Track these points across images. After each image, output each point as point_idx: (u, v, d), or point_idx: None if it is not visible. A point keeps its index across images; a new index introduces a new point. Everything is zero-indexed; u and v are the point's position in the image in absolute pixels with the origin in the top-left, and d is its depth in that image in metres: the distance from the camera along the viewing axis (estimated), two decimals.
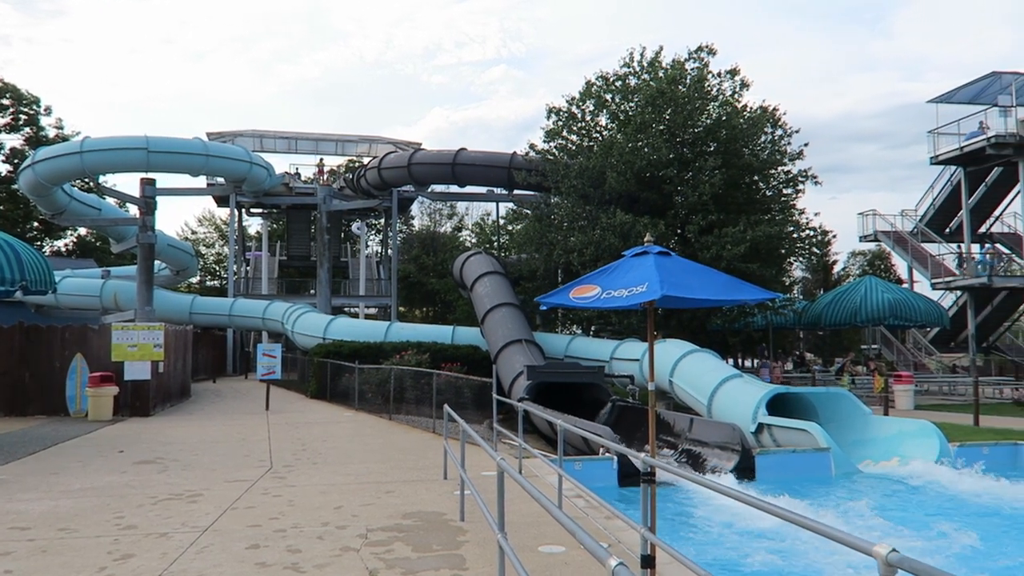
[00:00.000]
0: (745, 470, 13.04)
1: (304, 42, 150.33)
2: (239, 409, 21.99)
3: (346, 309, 47.70)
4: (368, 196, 41.09)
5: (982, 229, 37.24)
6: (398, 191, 41.15)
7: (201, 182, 42.21)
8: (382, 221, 53.65)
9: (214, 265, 63.51)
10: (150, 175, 29.79)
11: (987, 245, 34.94)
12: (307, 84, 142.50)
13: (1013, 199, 35.89)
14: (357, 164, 47.11)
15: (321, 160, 46.71)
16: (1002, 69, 31.75)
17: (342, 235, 52.36)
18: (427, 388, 18.01)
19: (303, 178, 45.39)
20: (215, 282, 61.01)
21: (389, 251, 45.04)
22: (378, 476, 11.21)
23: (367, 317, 47.40)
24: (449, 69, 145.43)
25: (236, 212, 44.00)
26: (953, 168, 35.10)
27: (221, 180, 41.32)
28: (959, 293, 36.03)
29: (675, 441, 15.71)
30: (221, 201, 44.69)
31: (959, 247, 35.04)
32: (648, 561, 5.18)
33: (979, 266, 32.29)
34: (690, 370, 19.17)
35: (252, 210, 48.23)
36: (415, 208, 56.10)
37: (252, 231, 58.15)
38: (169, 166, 36.35)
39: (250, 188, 40.68)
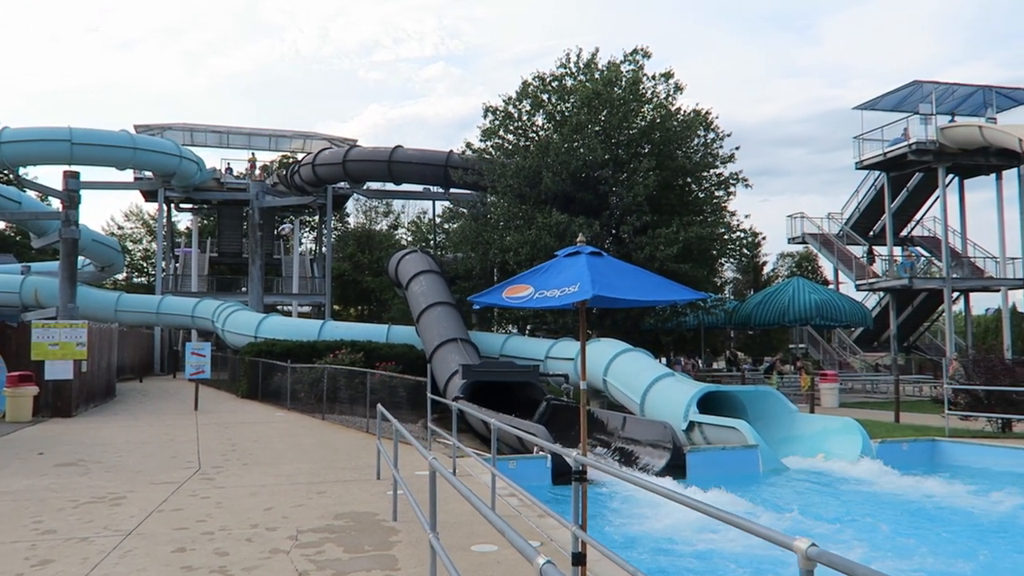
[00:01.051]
0: (676, 467, 13.25)
1: (236, 34, 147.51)
2: (166, 409, 21.47)
3: (279, 307, 46.98)
4: (302, 193, 40.51)
5: (904, 232, 38.53)
6: (333, 188, 40.67)
7: (128, 176, 41.07)
8: (316, 218, 52.98)
9: (141, 262, 61.83)
10: (74, 168, 28.86)
11: (914, 251, 36.11)
12: (240, 77, 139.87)
13: (933, 204, 37.23)
14: (291, 160, 46.38)
15: (253, 155, 45.85)
16: (923, 78, 32.92)
17: (275, 232, 51.49)
18: (361, 387, 17.84)
19: (235, 173, 44.48)
20: (142, 279, 59.38)
21: (323, 249, 44.49)
22: (310, 476, 11.07)
23: (300, 316, 46.72)
24: (386, 65, 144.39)
25: (165, 207, 42.93)
26: (877, 173, 36.24)
27: (149, 174, 40.26)
28: (882, 294, 37.24)
29: (608, 439, 15.88)
30: (149, 196, 43.54)
31: (867, 250, 36.28)
32: (579, 559, 5.22)
33: (900, 268, 33.45)
34: (623, 369, 19.39)
35: (182, 205, 47.08)
36: (350, 205, 55.57)
37: (181, 227, 56.77)
38: (94, 159, 35.24)
39: (180, 183, 39.72)
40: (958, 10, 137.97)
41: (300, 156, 44.12)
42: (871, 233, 38.59)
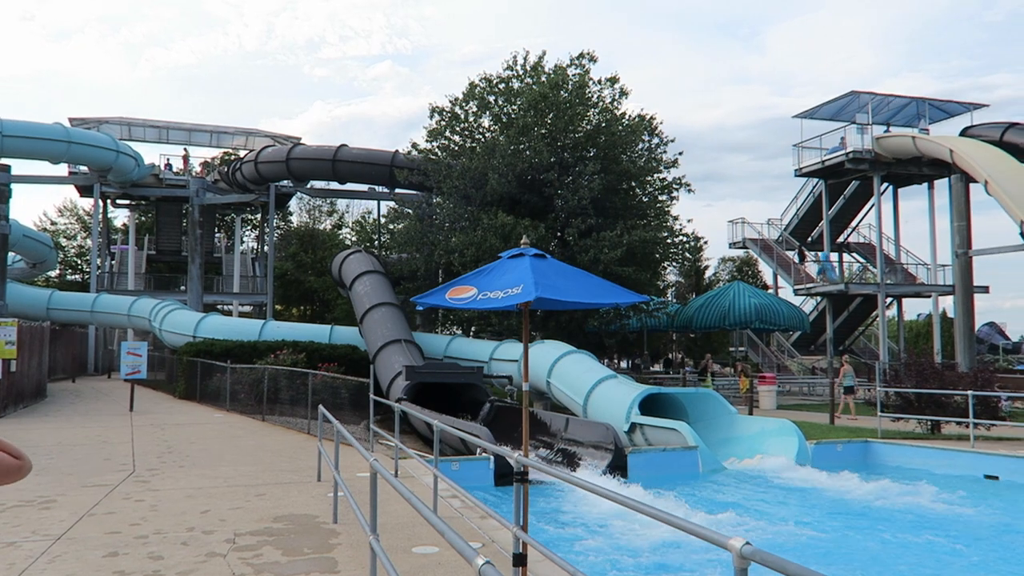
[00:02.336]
0: (618, 468, 13.38)
1: (179, 26, 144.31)
2: (100, 410, 20.92)
3: (219, 307, 46.12)
4: (244, 190, 39.87)
5: (840, 239, 39.51)
6: (276, 186, 40.10)
7: (62, 170, 39.92)
8: (259, 216, 52.18)
9: (76, 259, 60.09)
10: (4, 161, 27.94)
11: (823, 255, 36.99)
12: (181, 71, 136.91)
13: (868, 211, 38.23)
14: (233, 157, 45.60)
15: (186, 150, 44.85)
16: (861, 89, 33.78)
17: (216, 229, 50.55)
18: (303, 388, 17.64)
19: (175, 169, 43.55)
20: (77, 277, 57.73)
21: (265, 247, 43.83)
22: (249, 479, 10.90)
23: (241, 315, 45.94)
24: (333, 63, 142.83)
25: (101, 203, 41.82)
26: (815, 180, 37.07)
27: (84, 169, 39.18)
28: (819, 299, 38.10)
29: (551, 441, 15.96)
30: (84, 191, 42.38)
31: (798, 255, 37.20)
32: (520, 559, 5.24)
33: (824, 273, 34.49)
34: (567, 371, 19.51)
35: (118, 201, 45.90)
36: (293, 204, 54.88)
37: (118, 223, 55.38)
38: (26, 152, 34.18)
39: (116, 178, 38.74)
40: (898, 23, 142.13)
41: (242, 153, 43.42)
42: (809, 239, 39.46)
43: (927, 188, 36.24)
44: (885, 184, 35.84)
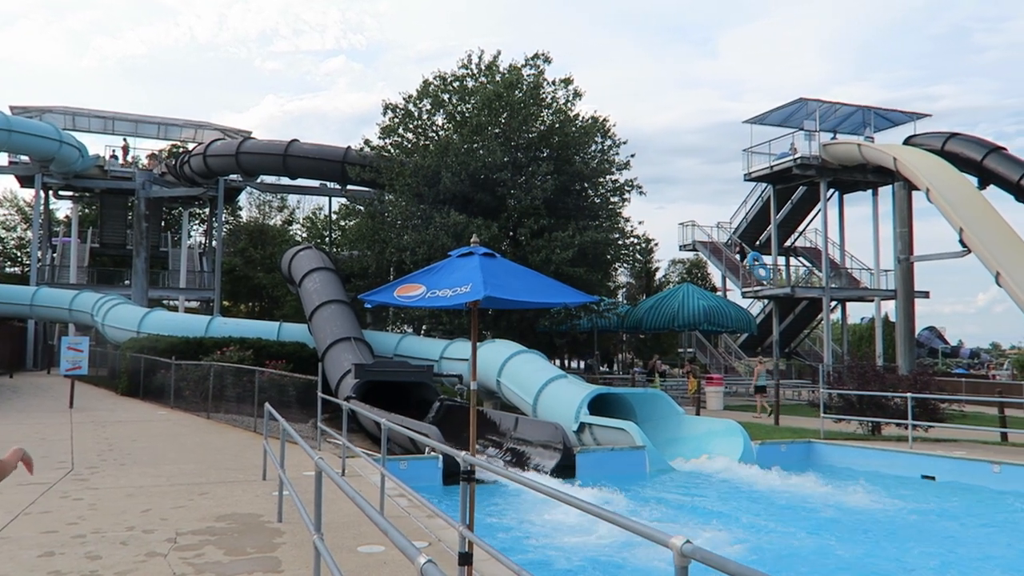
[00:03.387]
0: (566, 468, 13.45)
1: (127, 15, 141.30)
2: (39, 407, 20.38)
3: (165, 302, 45.22)
4: (192, 184, 39.15)
5: (788, 243, 40.24)
6: (225, 180, 39.46)
7: (2, 159, 38.77)
8: (207, 211, 51.31)
9: (15, 251, 58.41)
10: None
11: (750, 256, 37.70)
12: (129, 61, 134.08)
13: (815, 216, 39.01)
14: (181, 150, 44.74)
15: (126, 141, 43.87)
16: (809, 96, 34.46)
17: (162, 223, 49.56)
18: (249, 386, 17.42)
19: (120, 161, 42.58)
20: (16, 269, 56.11)
21: (213, 242, 43.12)
22: (192, 477, 10.71)
23: (188, 311, 45.11)
24: (285, 56, 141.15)
25: (42, 194, 40.73)
26: (764, 185, 37.71)
27: (25, 159, 38.12)
28: (766, 302, 38.75)
29: (501, 440, 15.98)
30: (25, 181, 41.22)
31: (739, 250, 37.85)
32: (466, 558, 5.23)
33: (756, 271, 35.32)
34: (517, 370, 19.54)
35: (61, 193, 44.72)
36: (243, 199, 54.07)
37: (60, 215, 53.99)
38: None
39: (59, 169, 37.76)
40: (847, 33, 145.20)
41: (191, 146, 42.64)
42: (757, 243, 40.11)
43: (872, 195, 37.09)
44: (831, 190, 36.60)
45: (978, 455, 14.34)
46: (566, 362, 43.11)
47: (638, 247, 31.38)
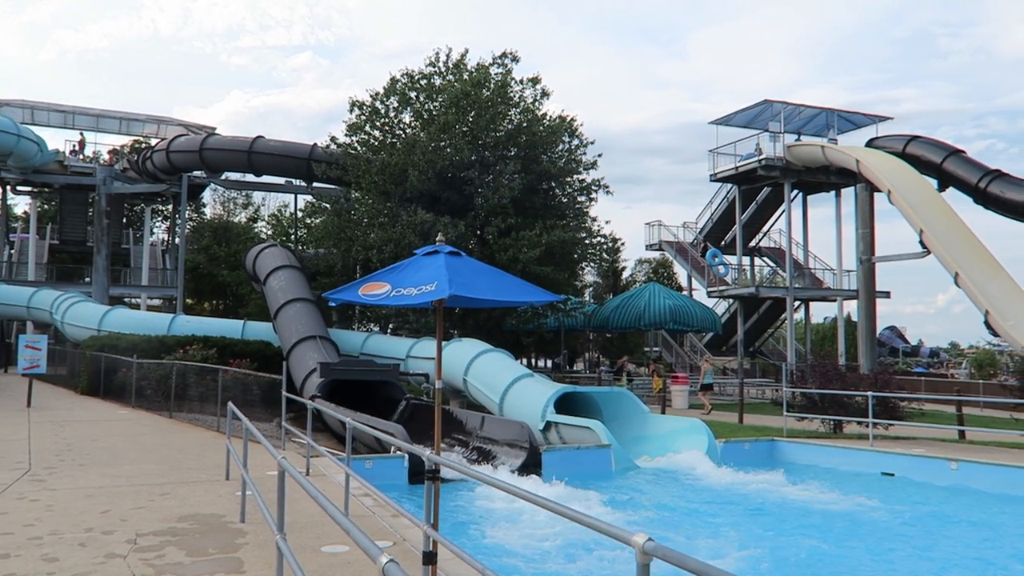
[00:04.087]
0: (532, 466, 13.48)
1: (88, 8, 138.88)
2: None
3: (126, 300, 44.53)
4: (155, 180, 38.59)
5: (753, 243, 40.65)
6: (188, 176, 38.95)
7: None
8: (170, 207, 50.61)
9: None
10: None
11: (709, 252, 38.16)
12: (91, 55, 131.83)
13: (779, 217, 39.44)
14: (144, 145, 44.06)
15: (82, 135, 43.09)
16: (774, 98, 34.84)
17: (124, 220, 48.79)
18: (213, 385, 17.22)
19: (80, 157, 41.82)
20: None
21: (176, 239, 42.54)
22: (153, 477, 10.57)
23: (150, 309, 44.47)
24: (251, 51, 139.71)
25: (0, 189, 39.91)
26: (730, 185, 38.07)
27: None
28: (731, 301, 39.12)
29: (467, 439, 15.97)
30: None
31: (699, 248, 38.29)
32: (430, 558, 5.22)
33: (715, 267, 35.83)
34: (484, 369, 19.53)
35: (19, 188, 43.82)
36: (207, 195, 53.40)
37: (19, 211, 52.96)
38: None
39: (17, 163, 37.00)
40: (812, 36, 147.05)
41: (154, 142, 42.03)
42: (723, 243, 40.45)
43: (835, 196, 37.61)
44: (795, 191, 37.04)
45: (936, 453, 14.61)
46: (533, 361, 43.18)
47: (605, 246, 31.55)
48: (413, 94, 28.77)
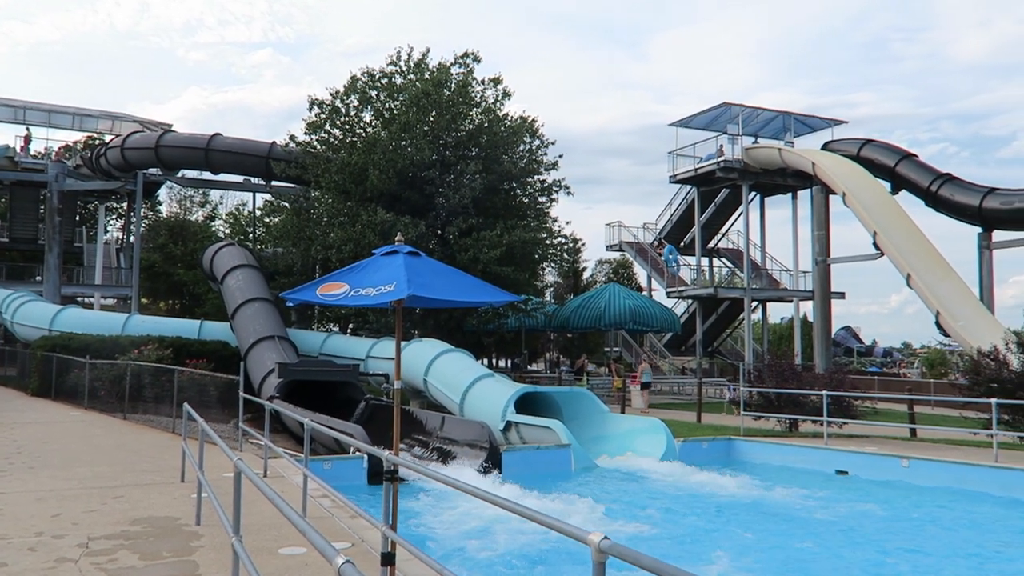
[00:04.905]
0: (492, 466, 13.49)
1: (40, 0, 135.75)
2: None
3: (79, 299, 43.65)
4: (109, 177, 37.86)
5: (711, 244, 41.11)
6: (144, 174, 38.27)
7: None
8: (125, 205, 49.70)
9: None
10: None
11: (665, 249, 38.68)
12: (43, 48, 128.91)
13: (737, 218, 39.95)
14: (98, 142, 43.22)
15: (28, 130, 42.11)
16: (733, 101, 35.26)
17: (77, 217, 47.80)
18: (168, 386, 16.97)
19: (33, 152, 40.88)
20: None
21: (131, 238, 41.80)
22: (106, 480, 10.38)
23: (104, 308, 43.64)
24: (210, 47, 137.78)
25: None
26: (689, 187, 38.45)
27: None
28: (690, 301, 39.52)
29: (427, 440, 15.92)
30: None
31: (655, 246, 38.69)
32: (388, 559, 5.21)
33: (669, 264, 36.26)
34: (444, 370, 19.50)
35: None
36: (163, 193, 52.55)
37: None
38: None
39: None
40: (773, 40, 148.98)
41: (108, 138, 41.26)
42: (682, 244, 40.86)
43: (791, 198, 38.19)
44: (753, 193, 37.54)
45: (889, 450, 14.91)
46: (494, 361, 43.21)
47: (565, 247, 31.66)
48: (374, 93, 28.62)
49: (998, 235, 29.98)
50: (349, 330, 30.91)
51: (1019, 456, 14.05)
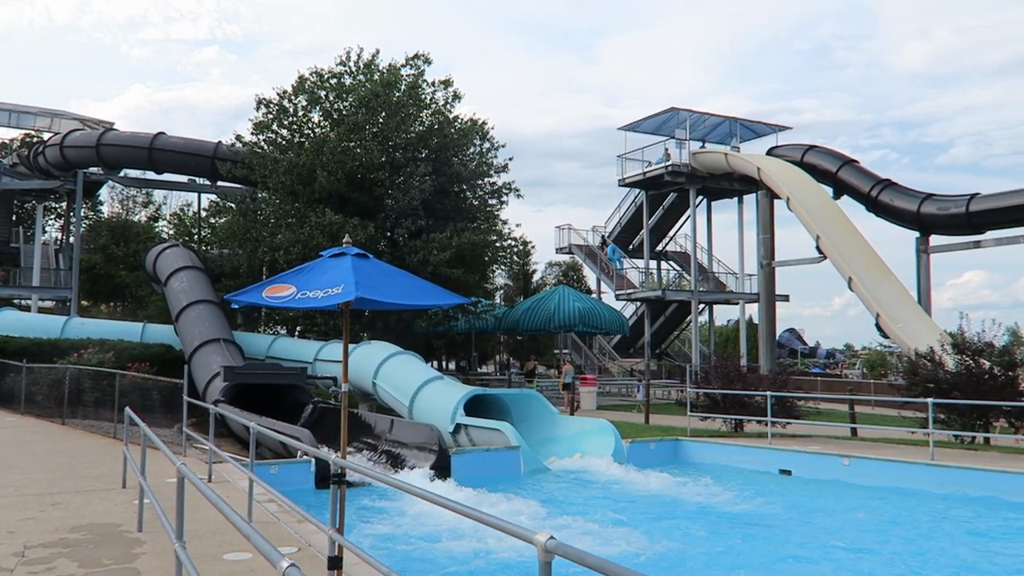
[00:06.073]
0: (441, 469, 13.46)
1: None
2: None
3: (16, 301, 42.44)
4: (47, 176, 36.87)
5: (659, 247, 41.58)
6: (84, 173, 37.36)
7: None
8: (64, 205, 48.44)
9: None
10: None
11: (609, 248, 39.13)
12: None
13: (684, 222, 40.47)
14: (36, 140, 42.08)
15: None
16: (680, 106, 35.74)
17: (13, 217, 46.44)
18: (109, 390, 16.56)
19: None
20: None
21: (71, 239, 40.77)
22: (43, 487, 10.11)
23: (41, 311, 42.46)
24: (154, 44, 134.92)
25: None
26: (637, 191, 38.84)
27: None
28: (638, 304, 39.91)
29: (376, 443, 15.84)
30: None
31: (599, 246, 39.15)
32: (335, 562, 5.18)
33: (615, 262, 36.86)
34: (393, 372, 19.40)
35: None
36: (104, 193, 51.36)
37: None
38: None
39: None
40: (721, 46, 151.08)
41: (47, 136, 40.19)
42: (631, 247, 41.28)
43: (737, 202, 38.83)
44: (700, 197, 38.08)
45: (831, 450, 15.24)
46: (443, 363, 43.10)
47: (516, 249, 31.73)
48: (322, 93, 28.34)
49: (935, 239, 30.90)
50: (297, 332, 30.53)
51: (954, 454, 14.50)
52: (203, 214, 40.02)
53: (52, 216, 51.20)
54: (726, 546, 9.78)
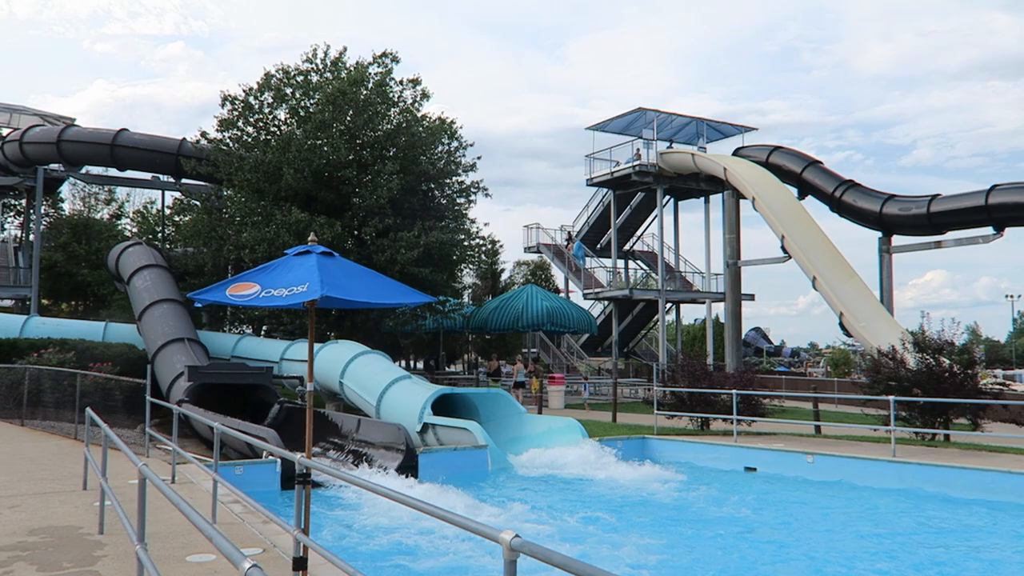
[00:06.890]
0: (409, 468, 13.43)
1: None
2: None
3: None
4: (6, 172, 36.16)
5: (627, 246, 41.78)
6: (45, 170, 36.70)
7: None
8: (23, 202, 47.54)
9: None
10: None
11: (575, 245, 39.39)
12: None
13: (652, 221, 40.70)
14: None
15: None
16: (648, 106, 35.92)
17: None
18: (70, 390, 16.29)
19: None
20: None
21: (31, 236, 40.03)
22: (1, 489, 9.92)
23: (0, 310, 41.68)
24: (118, 39, 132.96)
25: None
26: (605, 190, 38.99)
27: None
28: (606, 303, 40.08)
29: (343, 442, 15.76)
30: None
31: (565, 242, 39.33)
32: (300, 563, 5.14)
33: (580, 259, 37.20)
34: (361, 372, 19.31)
35: None
36: (66, 190, 50.51)
37: None
38: None
39: None
40: (689, 47, 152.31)
41: (5, 132, 39.43)
42: (599, 246, 41.42)
43: (704, 202, 39.11)
44: (668, 197, 38.32)
45: (795, 447, 15.43)
46: (411, 363, 42.93)
47: (484, 248, 31.69)
48: (289, 90, 28.08)
49: (897, 240, 31.39)
50: (263, 332, 30.26)
51: (915, 451, 14.76)
52: (167, 212, 39.51)
53: (11, 213, 50.30)
54: (691, 543, 9.86)
